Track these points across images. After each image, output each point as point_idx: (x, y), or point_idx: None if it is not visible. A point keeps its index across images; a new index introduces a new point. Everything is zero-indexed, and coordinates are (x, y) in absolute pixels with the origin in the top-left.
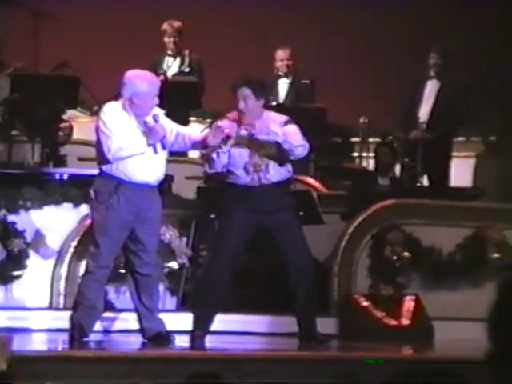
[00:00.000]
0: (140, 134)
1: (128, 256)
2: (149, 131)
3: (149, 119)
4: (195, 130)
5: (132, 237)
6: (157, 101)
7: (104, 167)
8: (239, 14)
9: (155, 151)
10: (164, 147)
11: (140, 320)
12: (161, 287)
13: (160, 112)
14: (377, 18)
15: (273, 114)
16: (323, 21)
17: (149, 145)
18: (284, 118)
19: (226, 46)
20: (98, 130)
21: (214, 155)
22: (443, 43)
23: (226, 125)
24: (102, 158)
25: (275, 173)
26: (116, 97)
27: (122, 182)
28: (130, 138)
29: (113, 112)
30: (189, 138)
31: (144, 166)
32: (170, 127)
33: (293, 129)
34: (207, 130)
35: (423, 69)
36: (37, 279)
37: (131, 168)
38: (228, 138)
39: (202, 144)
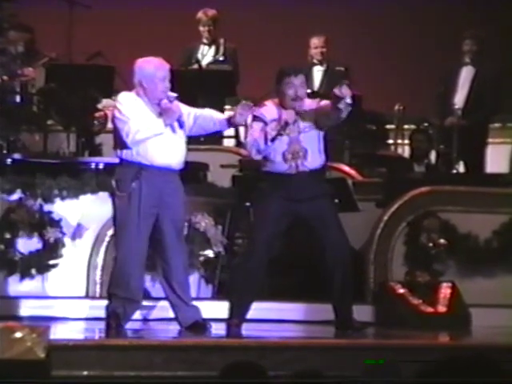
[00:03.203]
0: (156, 117)
1: (153, 246)
2: (164, 111)
3: (163, 101)
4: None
5: (156, 224)
6: (168, 85)
7: (124, 154)
8: (273, 2)
9: (173, 131)
10: (181, 126)
11: (174, 309)
12: (196, 275)
13: (174, 95)
14: (411, 4)
15: (307, 101)
16: (357, 8)
17: (166, 125)
18: (317, 100)
19: (260, 35)
20: (114, 119)
21: (269, 142)
22: (477, 30)
23: (275, 111)
24: (120, 146)
25: (313, 160)
26: None
27: (144, 167)
28: (147, 120)
29: (127, 100)
30: (210, 119)
31: (164, 148)
32: (187, 111)
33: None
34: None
35: (458, 55)
36: (73, 268)
37: (151, 151)
38: (286, 124)
39: (228, 122)
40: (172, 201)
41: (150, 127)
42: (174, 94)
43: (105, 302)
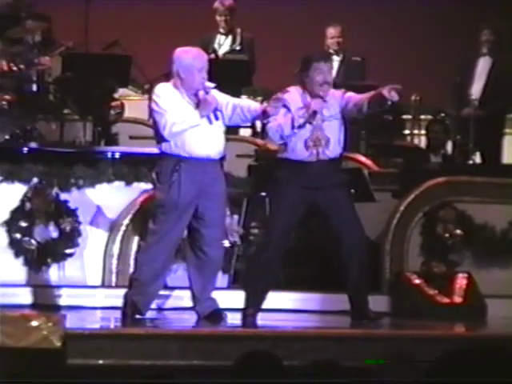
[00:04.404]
0: (193, 108)
1: (192, 234)
2: (200, 103)
3: (200, 92)
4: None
5: (195, 214)
6: (205, 75)
7: (163, 147)
8: None
9: (210, 122)
10: (217, 118)
11: (194, 299)
12: None
13: (211, 85)
14: None
15: (331, 90)
16: None
17: (202, 116)
18: (340, 90)
19: (276, 25)
20: (152, 111)
21: (296, 129)
22: (495, 20)
23: (299, 97)
24: (159, 138)
25: (333, 149)
26: (166, 75)
27: (183, 159)
28: (184, 112)
29: (164, 92)
30: (248, 109)
31: (202, 139)
32: (226, 100)
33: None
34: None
35: (476, 46)
36: (89, 257)
37: (189, 143)
38: (315, 113)
39: (262, 115)
40: (212, 191)
41: (186, 119)
42: (212, 85)
43: (120, 291)
